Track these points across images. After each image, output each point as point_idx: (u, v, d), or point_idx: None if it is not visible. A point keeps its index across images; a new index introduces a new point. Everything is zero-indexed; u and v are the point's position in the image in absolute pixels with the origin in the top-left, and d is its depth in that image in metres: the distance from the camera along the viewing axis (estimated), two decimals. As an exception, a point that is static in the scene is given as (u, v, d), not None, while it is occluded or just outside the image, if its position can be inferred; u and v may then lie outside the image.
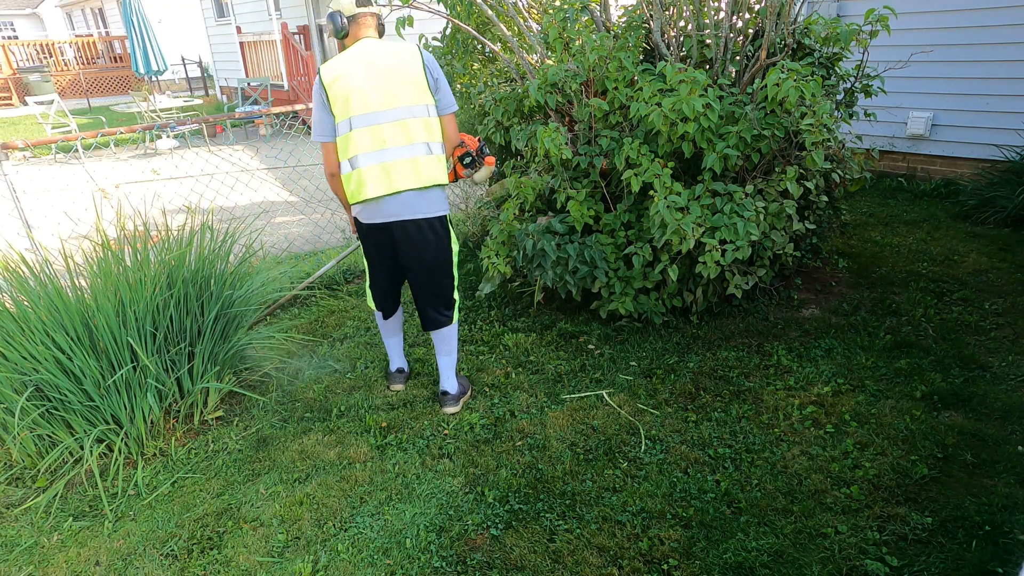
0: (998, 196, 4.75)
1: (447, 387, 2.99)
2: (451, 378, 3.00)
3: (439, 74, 2.64)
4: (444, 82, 2.65)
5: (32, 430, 2.69)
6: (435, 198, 2.71)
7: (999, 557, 2.04)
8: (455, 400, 2.98)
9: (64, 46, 20.11)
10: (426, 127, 2.62)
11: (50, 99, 10.46)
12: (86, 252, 2.97)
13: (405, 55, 2.58)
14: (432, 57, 2.64)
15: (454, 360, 3.01)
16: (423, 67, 2.59)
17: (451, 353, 2.98)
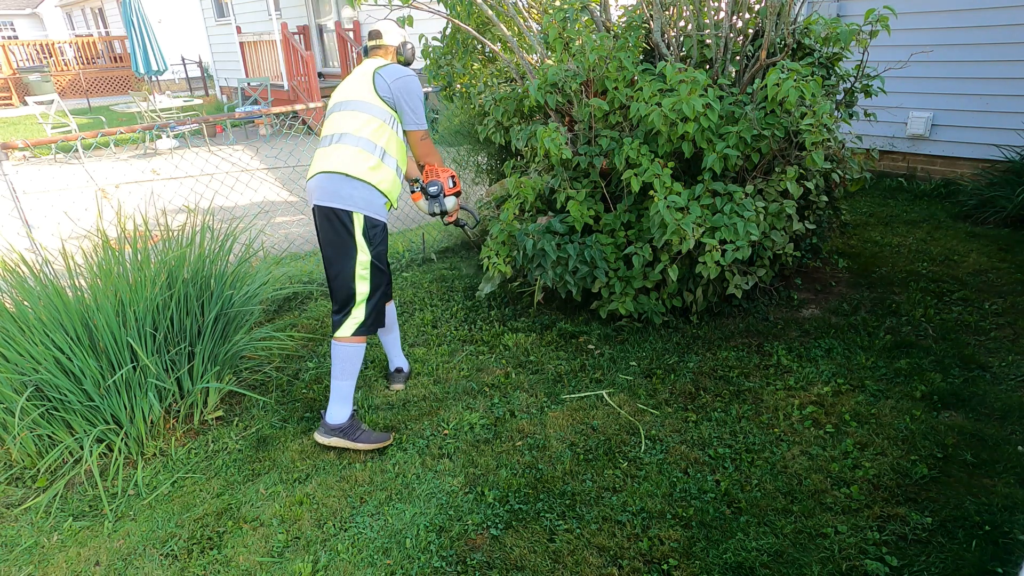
0: (998, 196, 4.75)
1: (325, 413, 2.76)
2: (331, 405, 2.73)
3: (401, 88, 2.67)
4: (409, 97, 2.69)
5: (32, 430, 2.69)
6: (340, 187, 2.62)
7: (999, 557, 2.04)
8: (324, 431, 2.72)
9: (64, 46, 20.11)
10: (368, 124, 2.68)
11: (50, 99, 10.46)
12: (86, 252, 2.97)
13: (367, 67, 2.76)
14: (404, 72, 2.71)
15: (338, 386, 2.72)
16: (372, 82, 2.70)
17: (337, 376, 2.72)
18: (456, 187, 2.93)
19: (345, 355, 2.72)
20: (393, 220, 5.90)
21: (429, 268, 4.76)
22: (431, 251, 4.96)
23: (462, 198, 3.00)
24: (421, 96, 2.72)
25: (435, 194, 2.87)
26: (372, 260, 2.69)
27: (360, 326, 2.72)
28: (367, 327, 2.74)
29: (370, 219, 2.66)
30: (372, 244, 2.69)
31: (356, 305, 2.71)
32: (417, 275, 4.62)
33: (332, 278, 2.74)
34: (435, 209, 2.92)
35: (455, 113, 4.92)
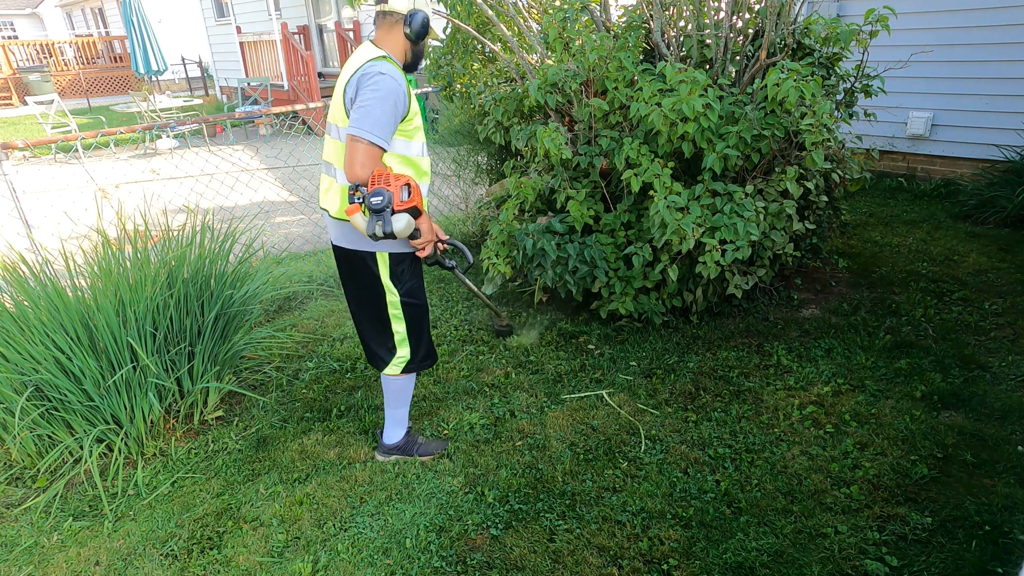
0: (998, 196, 4.75)
1: (382, 432, 2.72)
2: (387, 428, 2.68)
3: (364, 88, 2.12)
4: (365, 98, 2.11)
5: (32, 430, 2.69)
6: (330, 225, 2.40)
7: (999, 557, 2.04)
8: (383, 451, 2.70)
9: (64, 46, 20.11)
10: (337, 151, 2.27)
11: (50, 99, 10.46)
12: (86, 252, 2.97)
13: (347, 69, 2.24)
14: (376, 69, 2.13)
15: (392, 413, 2.64)
16: (344, 86, 2.20)
17: (390, 405, 2.63)
18: (412, 201, 2.08)
19: (395, 388, 2.57)
20: (393, 220, 5.89)
21: (429, 268, 4.75)
22: None
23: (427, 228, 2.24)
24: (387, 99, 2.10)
25: (378, 207, 2.00)
26: (402, 299, 2.40)
27: (409, 363, 2.50)
28: (417, 363, 2.52)
29: (396, 256, 2.34)
30: (401, 282, 2.38)
31: (398, 344, 2.47)
32: (417, 275, 4.61)
33: (357, 321, 2.54)
34: (376, 230, 2.04)
35: (455, 113, 4.92)
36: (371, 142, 2.09)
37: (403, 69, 2.30)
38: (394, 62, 2.21)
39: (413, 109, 2.24)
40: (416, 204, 2.10)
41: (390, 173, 2.11)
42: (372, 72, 2.12)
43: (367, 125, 2.08)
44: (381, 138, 2.10)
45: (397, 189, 2.07)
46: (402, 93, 2.16)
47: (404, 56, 2.31)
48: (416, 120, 2.27)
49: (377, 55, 2.19)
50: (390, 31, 2.26)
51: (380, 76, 2.12)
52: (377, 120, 2.09)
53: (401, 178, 2.11)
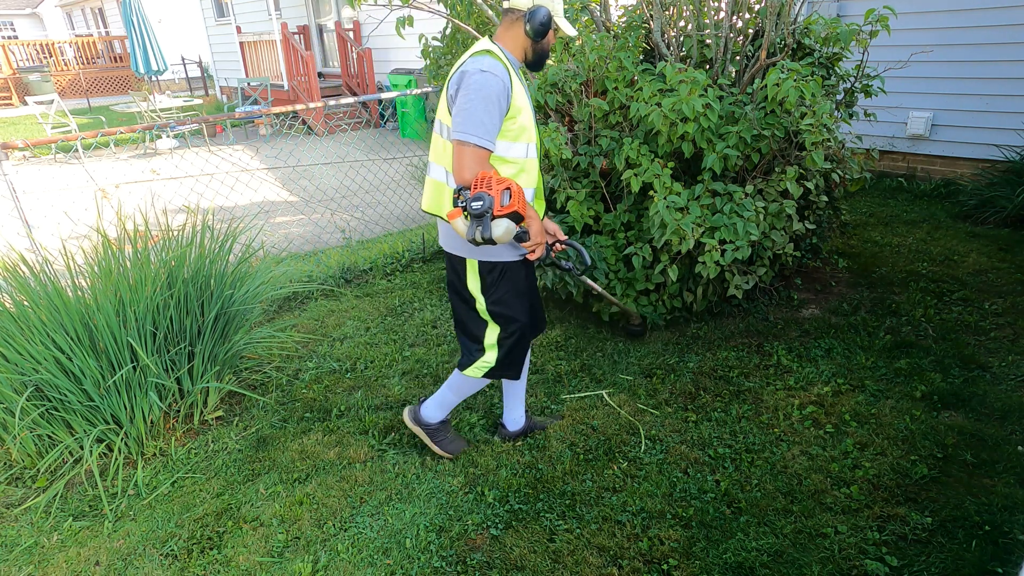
0: (998, 196, 4.75)
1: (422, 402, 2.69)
2: (431, 401, 2.64)
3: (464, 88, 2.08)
4: (466, 99, 2.06)
5: (32, 430, 2.69)
6: (440, 226, 2.37)
7: (999, 557, 2.04)
8: (413, 416, 2.66)
9: (64, 46, 20.11)
10: (445, 151, 2.23)
11: (50, 99, 10.46)
12: (86, 252, 2.97)
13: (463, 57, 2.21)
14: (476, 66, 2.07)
15: (445, 395, 2.60)
16: (447, 85, 2.19)
17: (448, 386, 2.58)
18: (512, 206, 1.99)
19: (463, 382, 2.52)
20: (392, 220, 5.90)
21: (429, 268, 4.76)
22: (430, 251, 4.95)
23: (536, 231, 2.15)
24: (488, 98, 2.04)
25: (479, 212, 1.95)
26: (489, 308, 2.32)
27: (491, 370, 2.43)
28: (497, 372, 2.43)
29: (485, 264, 2.25)
30: (488, 291, 2.29)
31: (487, 348, 2.41)
32: (417, 275, 4.62)
33: (455, 323, 2.50)
34: (476, 235, 1.98)
35: (467, 145, 4.91)
36: (476, 145, 2.04)
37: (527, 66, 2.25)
38: (499, 57, 2.10)
39: (516, 106, 2.13)
40: (516, 209, 2.00)
41: (493, 177, 2.02)
42: (473, 70, 2.06)
43: (470, 127, 2.04)
44: (486, 139, 2.05)
45: (498, 193, 1.98)
46: (504, 90, 2.07)
47: (524, 54, 2.22)
48: (520, 119, 2.16)
49: (481, 49, 2.12)
50: (510, 28, 2.19)
51: (480, 74, 2.05)
52: (480, 121, 2.03)
53: (503, 182, 2.02)
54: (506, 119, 2.11)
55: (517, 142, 2.18)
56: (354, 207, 6.23)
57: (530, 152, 2.23)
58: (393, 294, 4.32)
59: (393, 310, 4.09)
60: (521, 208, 2.02)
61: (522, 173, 2.22)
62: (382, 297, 4.29)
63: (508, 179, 2.05)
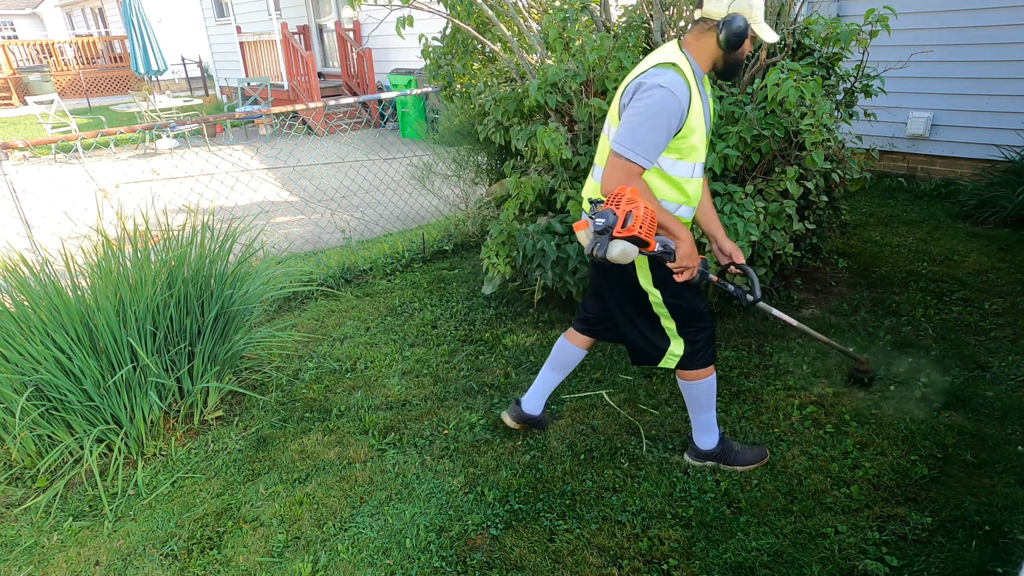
0: (998, 196, 4.75)
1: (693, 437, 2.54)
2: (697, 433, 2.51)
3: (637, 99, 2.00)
4: (635, 111, 1.99)
5: (32, 430, 2.69)
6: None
7: (999, 557, 2.04)
8: (696, 456, 2.53)
9: (64, 46, 20.12)
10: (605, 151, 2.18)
11: (50, 99, 10.46)
12: (86, 252, 2.97)
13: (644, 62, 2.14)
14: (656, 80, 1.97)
15: (698, 419, 2.46)
16: (624, 88, 2.10)
17: (691, 409, 2.46)
18: (631, 231, 1.91)
19: (690, 393, 2.41)
20: (392, 220, 5.90)
21: (429, 268, 4.76)
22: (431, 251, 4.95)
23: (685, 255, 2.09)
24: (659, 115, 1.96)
25: (599, 229, 1.93)
26: (666, 300, 2.24)
27: (684, 359, 2.33)
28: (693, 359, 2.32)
29: (654, 259, 2.18)
30: (662, 284, 2.22)
31: (671, 339, 2.32)
32: (417, 275, 4.62)
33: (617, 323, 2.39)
34: (593, 251, 1.95)
35: (455, 113, 4.92)
36: (630, 160, 1.99)
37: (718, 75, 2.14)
38: (683, 73, 2.00)
39: (690, 126, 2.03)
40: (637, 235, 1.92)
41: (624, 196, 1.95)
42: (651, 83, 1.97)
43: (629, 141, 1.98)
44: (643, 157, 1.99)
45: (622, 214, 1.92)
46: (679, 109, 1.97)
47: (712, 64, 2.10)
48: (692, 139, 2.06)
49: (665, 61, 2.01)
50: (700, 36, 2.06)
51: (658, 89, 1.96)
52: (642, 138, 1.97)
53: (632, 203, 1.94)
54: (677, 137, 2.03)
55: (683, 160, 2.09)
56: (354, 207, 6.23)
57: (696, 172, 2.14)
58: (393, 294, 4.32)
59: (393, 310, 4.09)
60: (644, 234, 1.93)
61: (681, 191, 2.14)
62: (382, 297, 4.29)
63: (639, 201, 1.96)
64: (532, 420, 2.73)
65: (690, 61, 2.06)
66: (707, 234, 2.42)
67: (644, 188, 2.04)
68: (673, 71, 1.98)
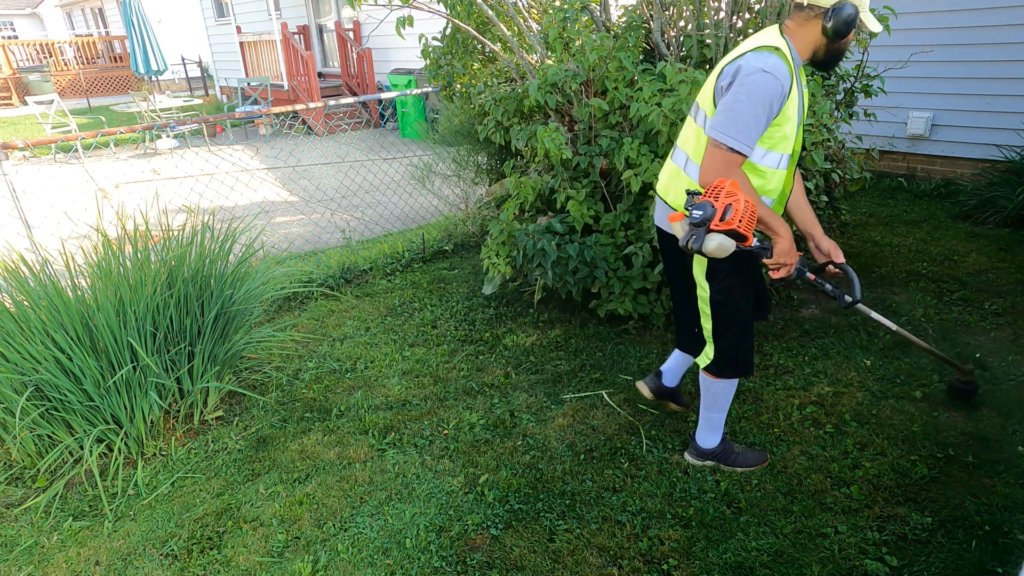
0: (998, 196, 4.75)
1: (695, 433, 2.54)
2: (700, 430, 2.50)
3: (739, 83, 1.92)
4: (736, 97, 1.92)
5: (32, 430, 2.69)
6: (660, 210, 2.27)
7: (999, 557, 2.04)
8: (696, 454, 2.53)
9: (64, 46, 20.11)
10: (695, 137, 2.12)
11: (50, 99, 10.46)
12: (86, 252, 2.97)
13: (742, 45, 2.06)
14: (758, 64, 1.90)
15: (707, 416, 2.45)
16: (720, 70, 2.03)
17: (704, 406, 2.44)
18: (730, 224, 1.86)
19: (711, 390, 2.38)
20: (392, 220, 5.90)
21: (429, 268, 4.76)
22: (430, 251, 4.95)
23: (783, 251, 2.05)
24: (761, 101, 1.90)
25: (696, 221, 1.88)
26: (712, 296, 2.20)
27: (712, 364, 2.30)
28: (722, 368, 2.29)
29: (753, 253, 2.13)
30: (716, 279, 2.17)
31: (707, 342, 2.31)
32: (417, 275, 4.62)
33: (676, 309, 2.42)
34: (688, 243, 1.92)
35: (455, 113, 4.92)
36: (732, 148, 1.91)
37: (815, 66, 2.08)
38: (786, 57, 1.93)
39: (787, 114, 1.96)
40: (736, 229, 1.86)
41: (725, 188, 1.89)
42: (754, 67, 1.89)
43: (732, 129, 1.90)
44: (745, 144, 1.91)
45: (720, 207, 1.86)
46: (781, 94, 1.91)
47: (813, 52, 2.03)
48: (786, 128, 1.99)
49: (768, 44, 1.93)
50: (804, 24, 1.98)
51: (761, 74, 1.88)
52: (744, 125, 1.89)
53: (732, 196, 1.88)
54: (771, 125, 1.96)
55: (773, 151, 2.03)
56: (354, 207, 6.23)
57: (782, 163, 2.08)
58: (393, 294, 4.32)
59: (393, 310, 4.09)
60: (744, 228, 1.87)
61: (767, 183, 2.08)
62: (382, 297, 4.29)
63: (739, 194, 1.89)
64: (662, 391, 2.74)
65: (790, 48, 1.98)
66: (803, 231, 2.33)
67: (744, 180, 1.97)
68: (776, 55, 1.91)
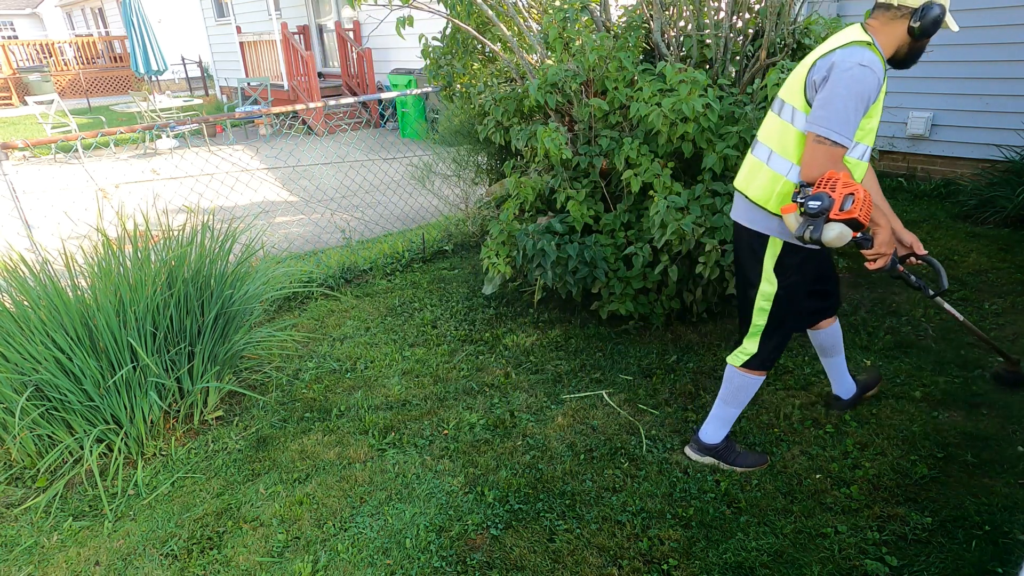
0: (998, 196, 4.75)
1: (699, 428, 2.57)
2: (708, 423, 2.52)
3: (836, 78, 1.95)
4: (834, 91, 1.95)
5: (32, 430, 2.69)
6: (748, 208, 2.25)
7: (999, 557, 2.04)
8: (696, 448, 2.55)
9: (64, 46, 20.11)
10: (780, 131, 2.14)
11: (50, 99, 10.46)
12: (86, 252, 2.97)
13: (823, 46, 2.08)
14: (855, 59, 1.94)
15: (721, 409, 2.48)
16: (811, 65, 2.04)
17: (722, 398, 2.47)
18: (852, 213, 1.91)
19: (736, 384, 2.40)
20: (392, 220, 5.90)
21: (429, 268, 4.76)
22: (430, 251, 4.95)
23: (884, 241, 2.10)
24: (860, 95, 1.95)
25: (814, 212, 1.92)
26: (779, 293, 2.22)
27: (752, 358, 2.34)
28: (760, 362, 2.34)
29: (790, 246, 2.17)
30: (784, 274, 2.20)
31: (749, 336, 2.34)
32: (417, 275, 4.62)
33: (739, 298, 2.43)
34: (805, 234, 1.95)
35: (455, 113, 4.92)
36: (836, 143, 1.94)
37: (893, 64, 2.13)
38: (879, 53, 2.00)
39: (877, 108, 2.03)
40: (857, 217, 1.91)
41: (840, 179, 1.94)
42: (851, 62, 1.93)
43: (834, 123, 1.94)
44: (847, 137, 1.95)
45: (840, 197, 1.91)
46: (876, 89, 1.96)
47: (896, 50, 2.08)
48: (872, 121, 2.06)
49: (862, 39, 1.99)
50: (888, 23, 2.03)
51: (860, 68, 1.93)
52: (845, 119, 1.94)
53: (849, 186, 1.93)
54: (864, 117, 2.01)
55: (860, 143, 2.09)
56: (354, 207, 6.23)
57: (866, 156, 2.14)
58: (393, 294, 4.32)
59: (393, 310, 4.09)
60: (863, 216, 1.92)
61: (853, 174, 2.11)
62: (382, 297, 4.29)
63: (856, 184, 1.93)
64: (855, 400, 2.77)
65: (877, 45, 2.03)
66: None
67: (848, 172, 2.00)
68: (870, 50, 1.97)
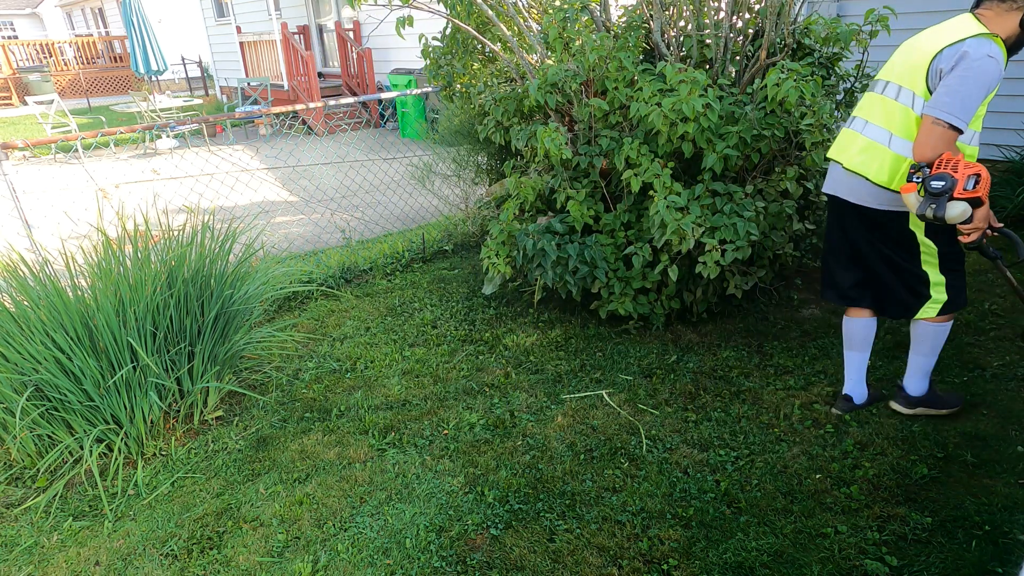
0: (998, 196, 4.75)
1: (904, 383, 2.68)
2: (911, 378, 2.65)
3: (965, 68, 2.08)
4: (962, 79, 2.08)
5: (32, 430, 2.69)
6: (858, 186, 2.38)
7: (999, 557, 2.04)
8: (905, 402, 2.67)
9: (64, 46, 20.12)
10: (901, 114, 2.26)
11: (50, 99, 10.46)
12: (86, 252, 2.97)
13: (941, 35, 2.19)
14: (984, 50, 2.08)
15: (922, 362, 2.60)
16: (936, 53, 2.16)
17: (922, 353, 2.59)
18: (977, 192, 2.07)
19: (932, 332, 2.53)
20: (392, 220, 5.90)
21: (429, 268, 4.76)
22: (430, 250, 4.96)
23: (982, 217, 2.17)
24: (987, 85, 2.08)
25: (937, 191, 2.07)
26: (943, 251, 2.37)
27: (947, 304, 2.45)
28: (952, 305, 2.46)
29: None
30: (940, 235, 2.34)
31: (933, 289, 2.45)
32: (417, 275, 4.62)
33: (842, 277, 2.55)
34: (927, 212, 2.10)
35: (455, 113, 4.92)
36: (952, 126, 2.08)
37: None
38: (1001, 45, 2.12)
39: (992, 97, 2.18)
40: (980, 196, 2.06)
41: (961, 161, 2.08)
42: (979, 54, 2.07)
43: (956, 109, 2.07)
44: (964, 122, 2.09)
45: (963, 177, 2.06)
46: (998, 80, 2.10)
47: (1005, 41, 2.19)
48: (984, 109, 2.20)
49: (985, 32, 2.12)
50: (1002, 14, 2.16)
51: (987, 59, 2.06)
52: (968, 105, 2.07)
53: (972, 167, 2.07)
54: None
55: (970, 128, 2.21)
56: (354, 207, 6.23)
57: (973, 140, 2.26)
58: (393, 294, 4.32)
59: (393, 310, 4.09)
60: (985, 196, 2.07)
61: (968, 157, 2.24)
62: (382, 297, 4.29)
63: (978, 165, 2.07)
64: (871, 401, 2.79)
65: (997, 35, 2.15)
66: None
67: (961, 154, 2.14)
68: (996, 43, 2.10)
